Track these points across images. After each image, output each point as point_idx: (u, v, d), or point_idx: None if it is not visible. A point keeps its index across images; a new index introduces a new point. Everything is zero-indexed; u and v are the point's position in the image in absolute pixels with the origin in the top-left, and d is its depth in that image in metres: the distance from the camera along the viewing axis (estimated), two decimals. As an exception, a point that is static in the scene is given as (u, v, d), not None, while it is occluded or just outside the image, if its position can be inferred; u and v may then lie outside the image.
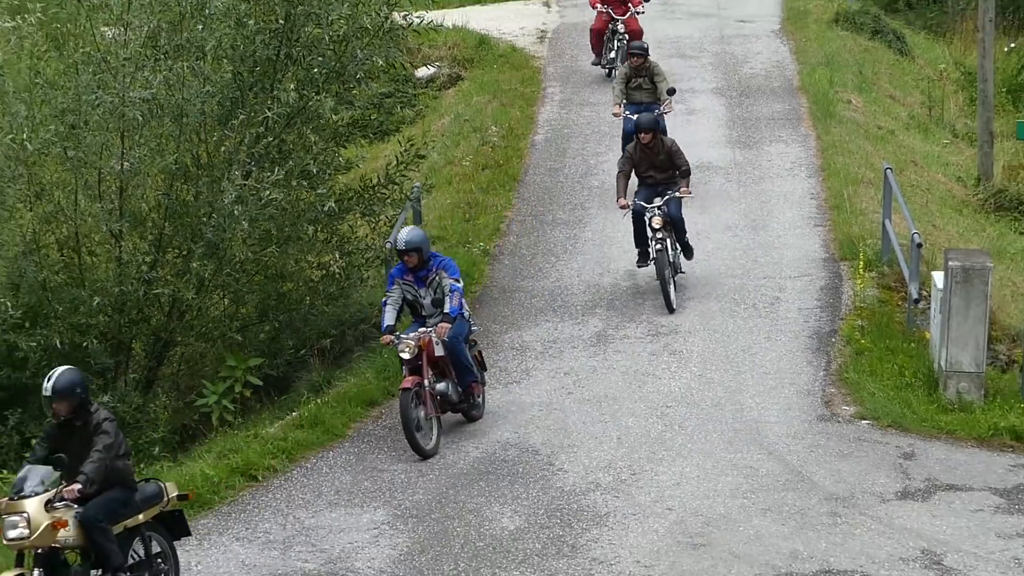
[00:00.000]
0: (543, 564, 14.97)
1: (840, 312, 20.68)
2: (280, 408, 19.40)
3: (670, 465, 16.97)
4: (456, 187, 25.60)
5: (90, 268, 19.85)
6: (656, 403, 18.46)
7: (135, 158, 19.48)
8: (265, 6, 20.06)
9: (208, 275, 19.63)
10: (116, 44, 19.78)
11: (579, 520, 15.84)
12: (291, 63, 20.15)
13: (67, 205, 19.75)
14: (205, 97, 19.62)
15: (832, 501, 16.15)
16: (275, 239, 19.98)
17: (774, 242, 22.95)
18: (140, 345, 20.15)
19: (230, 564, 15.28)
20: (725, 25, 33.79)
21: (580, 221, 24.14)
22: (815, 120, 27.84)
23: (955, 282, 18.09)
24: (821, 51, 31.76)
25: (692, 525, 15.68)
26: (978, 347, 18.26)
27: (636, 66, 24.21)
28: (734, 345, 19.87)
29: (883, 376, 18.88)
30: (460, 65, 32.38)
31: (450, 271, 17.47)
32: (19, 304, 19.08)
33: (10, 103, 19.70)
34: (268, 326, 20.63)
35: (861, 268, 21.11)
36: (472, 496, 16.46)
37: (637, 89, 24.22)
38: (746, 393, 18.65)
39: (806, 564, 14.91)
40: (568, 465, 17.09)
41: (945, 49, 36.34)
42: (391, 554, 15.31)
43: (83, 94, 19.33)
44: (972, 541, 15.38)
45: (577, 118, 28.53)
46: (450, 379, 17.65)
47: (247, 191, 19.24)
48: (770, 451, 17.26)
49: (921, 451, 17.33)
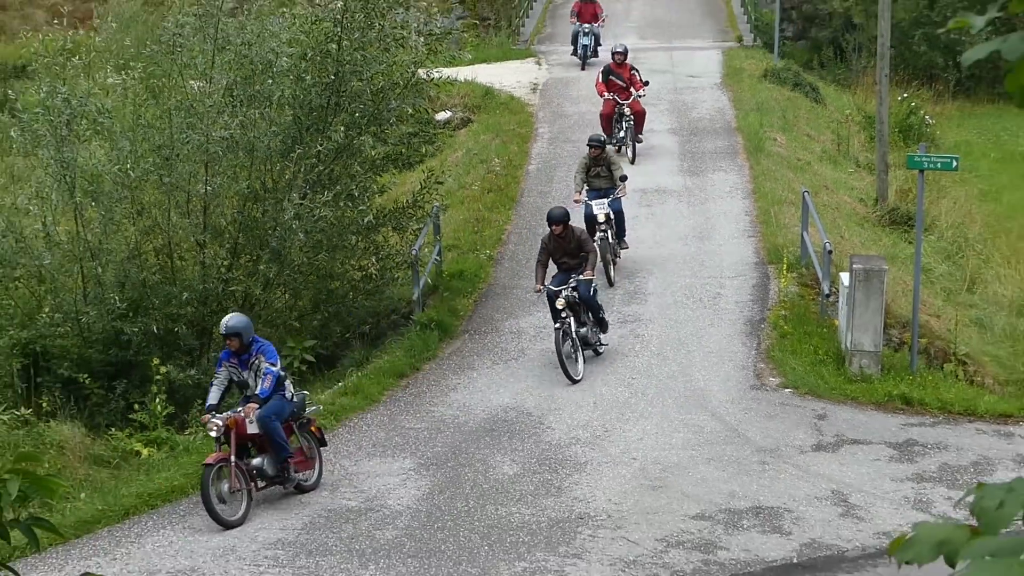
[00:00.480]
0: (535, 502, 14.96)
1: (768, 304, 20.67)
2: (329, 379, 19.41)
3: (635, 424, 16.97)
4: (467, 206, 25.58)
5: (180, 270, 19.85)
6: (623, 375, 18.45)
7: (216, 183, 19.50)
8: (319, 65, 20.07)
9: (272, 275, 19.63)
10: (202, 94, 19.78)
11: (563, 467, 15.84)
12: (339, 109, 20.15)
13: (162, 220, 19.75)
14: (271, 136, 19.62)
15: (761, 452, 16.15)
16: (325, 247, 19.97)
17: (716, 249, 22.94)
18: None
19: (290, 501, 15.29)
20: (678, 79, 33.76)
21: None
22: (748, 154, 27.82)
23: (858, 281, 18.09)
24: (753, 100, 31.74)
25: (652, 471, 15.67)
26: (876, 332, 18.27)
27: (594, 156, 21.81)
28: (685, 330, 19.86)
29: (801, 354, 18.89)
30: (470, 111, 32.38)
31: (268, 355, 15.08)
32: (124, 298, 19.07)
33: (117, 140, 19.72)
34: (319, 315, 20.62)
35: (784, 270, 21.10)
36: (479, 448, 16.45)
37: (596, 177, 21.83)
38: (694, 368, 18.64)
39: (741, 502, 14.90)
40: (555, 424, 17.08)
41: (850, 98, 36.31)
42: (415, 494, 15.30)
43: (175, 133, 19.35)
44: (871, 484, 15.38)
45: (562, 152, 28.50)
46: (268, 455, 15.19)
47: (303, 209, 19.23)
48: (713, 413, 17.25)
49: (831, 413, 17.33)
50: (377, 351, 20.12)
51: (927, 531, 3.21)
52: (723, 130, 29.68)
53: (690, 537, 14.17)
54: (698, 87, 33.25)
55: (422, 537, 14.28)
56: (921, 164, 18.62)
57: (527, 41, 39.78)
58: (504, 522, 14.51)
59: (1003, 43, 3.18)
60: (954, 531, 3.17)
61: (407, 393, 18.43)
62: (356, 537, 14.35)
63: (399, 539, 14.26)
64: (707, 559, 13.74)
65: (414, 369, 19.09)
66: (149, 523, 14.85)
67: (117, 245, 19.72)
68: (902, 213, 25.66)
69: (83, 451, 17.07)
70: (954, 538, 3.14)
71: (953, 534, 3.16)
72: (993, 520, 3.14)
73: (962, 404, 17.49)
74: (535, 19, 42.28)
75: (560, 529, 14.35)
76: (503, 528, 14.39)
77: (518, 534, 14.26)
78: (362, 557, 13.92)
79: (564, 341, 18.21)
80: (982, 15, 3.29)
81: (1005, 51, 3.16)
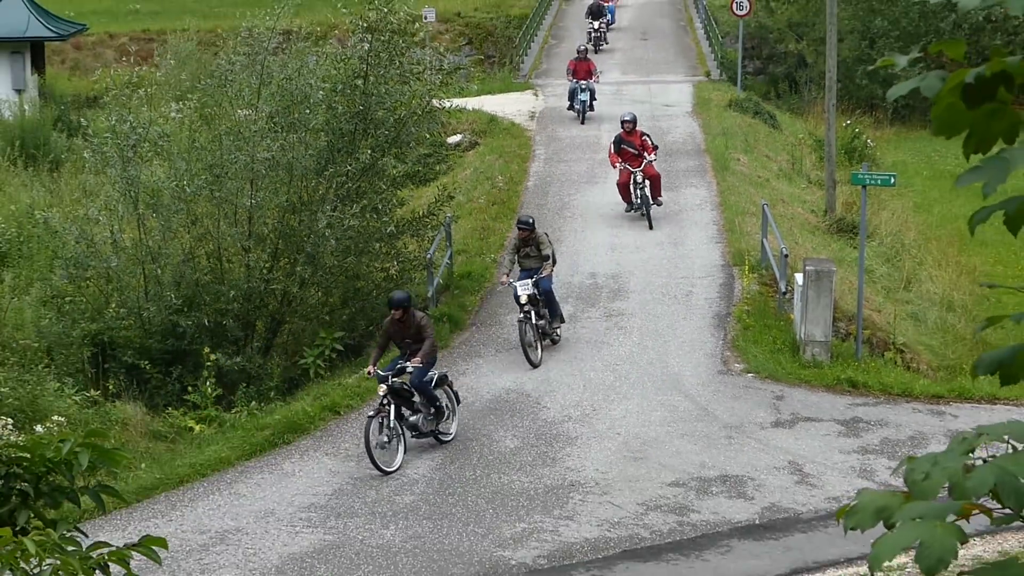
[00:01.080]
0: (533, 471, 14.85)
1: (733, 301, 20.54)
2: (356, 366, 19.25)
3: (619, 404, 16.84)
4: (474, 217, 25.46)
5: (228, 271, 19.73)
6: (609, 362, 18.32)
7: (259, 197, 19.38)
8: (349, 97, 19.97)
9: (307, 276, 19.50)
10: (248, 121, 19.67)
11: (557, 441, 15.72)
12: (365, 135, 20.02)
13: (213, 229, 19.66)
14: (307, 157, 19.52)
15: (728, 428, 16.03)
16: (353, 252, 19.84)
17: (688, 254, 22.80)
18: (261, 323, 20.03)
19: (321, 471, 15.17)
20: (655, 108, 33.61)
21: (558, 239, 23.86)
22: (716, 172, 27.69)
23: (810, 280, 17.96)
24: (719, 126, 31.60)
25: (633, 445, 15.56)
26: (826, 324, 18.14)
27: (523, 238, 18.87)
28: (661, 323, 19.73)
29: (762, 344, 18.76)
30: (477, 135, 32.24)
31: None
32: (180, 295, 18.96)
33: (174, 161, 19.67)
34: (347, 310, 20.49)
35: (747, 271, 20.97)
36: (485, 425, 16.33)
37: (526, 257, 18.89)
38: (670, 355, 18.50)
39: (710, 471, 14.79)
40: (550, 404, 16.96)
41: (802, 124, 36.24)
42: (429, 464, 15.19)
43: (225, 155, 19.25)
44: (822, 455, 15.27)
45: (556, 171, 28.37)
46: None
47: (334, 220, 19.11)
48: (686, 394, 17.13)
49: (788, 394, 17.21)
50: (397, 341, 20.00)
51: (868, 499, 3.22)
52: (694, 151, 29.54)
53: (667, 502, 14.07)
54: (672, 115, 33.11)
55: (435, 502, 14.18)
56: (864, 181, 18.60)
57: (526, 76, 39.62)
58: (506, 489, 14.41)
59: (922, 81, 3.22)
60: (891, 498, 3.18)
61: (423, 377, 18.29)
62: (378, 501, 14.24)
63: (415, 503, 14.15)
64: (681, 520, 13.64)
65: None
66: (200, 489, 14.74)
67: (174, 250, 19.63)
68: (848, 222, 25.54)
69: (144, 427, 17.00)
70: (891, 504, 3.15)
71: (890, 501, 3.17)
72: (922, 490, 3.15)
73: (900, 387, 17.37)
74: (533, 57, 42.14)
75: (555, 495, 14.24)
76: (505, 494, 14.28)
77: (518, 499, 14.16)
78: (384, 519, 13.81)
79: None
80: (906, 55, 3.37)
81: (923, 88, 3.21)
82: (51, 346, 18.99)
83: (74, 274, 19.47)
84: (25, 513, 5.20)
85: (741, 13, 36.09)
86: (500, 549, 13.08)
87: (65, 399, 16.41)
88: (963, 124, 3.19)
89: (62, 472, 5.26)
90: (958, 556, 2.95)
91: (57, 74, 42.38)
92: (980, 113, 3.17)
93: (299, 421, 16.31)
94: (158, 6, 49.77)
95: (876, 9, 40.10)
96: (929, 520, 3.02)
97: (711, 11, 43.44)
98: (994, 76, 3.11)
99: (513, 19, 45.88)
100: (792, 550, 13.04)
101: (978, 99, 3.13)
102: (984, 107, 3.15)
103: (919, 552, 2.97)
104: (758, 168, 28.95)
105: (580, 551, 13.01)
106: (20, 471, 5.27)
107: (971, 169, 3.13)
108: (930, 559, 2.94)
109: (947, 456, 3.19)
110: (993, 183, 3.06)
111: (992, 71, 3.09)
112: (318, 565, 12.89)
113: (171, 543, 13.16)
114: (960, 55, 3.21)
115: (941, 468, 3.15)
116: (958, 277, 24.45)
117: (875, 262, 24.01)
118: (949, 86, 3.15)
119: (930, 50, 3.27)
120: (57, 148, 32.42)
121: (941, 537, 2.96)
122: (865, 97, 39.08)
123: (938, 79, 3.18)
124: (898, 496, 3.19)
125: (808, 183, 29.78)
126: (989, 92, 3.13)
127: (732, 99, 34.60)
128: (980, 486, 3.07)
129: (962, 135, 3.21)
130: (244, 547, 13.34)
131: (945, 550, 2.94)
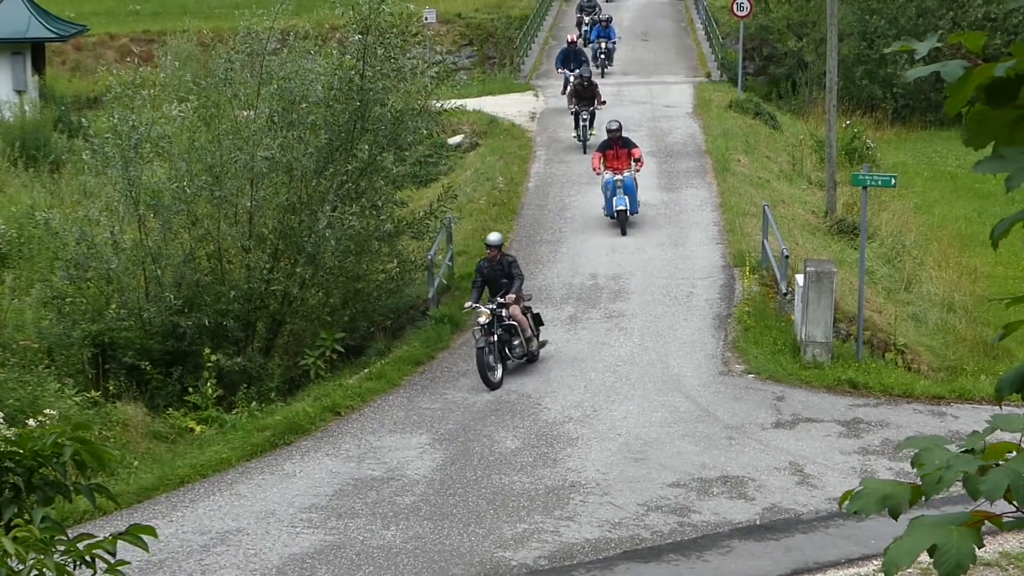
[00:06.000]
0: (534, 472, 14.78)
1: (733, 302, 20.48)
2: (356, 367, 19.21)
3: (619, 405, 16.78)
4: (475, 218, 25.40)
5: (228, 272, 19.66)
6: (610, 363, 18.26)
7: (259, 197, 19.33)
8: (346, 95, 19.86)
9: (308, 276, 19.43)
10: (247, 121, 19.61)
11: (558, 442, 15.65)
12: (364, 132, 19.95)
13: (213, 229, 19.57)
14: (307, 157, 19.44)
15: (728, 429, 15.96)
16: (353, 252, 19.77)
17: (689, 255, 22.74)
18: (262, 324, 19.98)
19: (322, 472, 15.10)
20: (656, 109, 33.57)
21: (559, 240, 23.94)
22: (716, 173, 27.63)
23: (811, 281, 17.89)
24: (720, 127, 31.55)
25: (634, 445, 15.49)
26: (827, 325, 18.08)
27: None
28: (662, 324, 19.67)
29: (763, 344, 18.70)
30: (478, 136, 32.19)
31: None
32: (180, 296, 18.90)
33: (175, 161, 19.60)
34: (348, 311, 20.41)
35: (748, 272, 20.92)
36: (486, 426, 16.27)
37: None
38: (671, 356, 18.44)
39: (711, 472, 14.73)
40: (551, 405, 16.89)
41: (803, 125, 36.18)
42: (431, 465, 15.12)
43: (225, 155, 19.17)
44: (823, 456, 15.21)
45: (556, 172, 28.32)
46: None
47: (335, 219, 19.04)
48: (687, 395, 17.06)
49: (788, 395, 17.15)
50: (398, 342, 19.93)
51: (873, 486, 3.19)
52: (694, 152, 29.48)
53: (667, 502, 14.00)
54: (673, 116, 33.06)
55: (436, 502, 14.11)
56: (864, 182, 18.55)
57: (526, 77, 39.59)
58: (507, 489, 14.34)
59: (944, 67, 3.17)
60: (897, 487, 3.15)
61: (423, 378, 18.24)
62: (379, 502, 14.17)
63: (416, 504, 14.09)
64: (682, 521, 13.57)
65: (430, 357, 18.90)
66: (201, 490, 14.68)
67: (174, 251, 19.56)
68: (848, 223, 25.49)
69: (144, 428, 16.96)
70: (897, 493, 3.12)
71: (896, 490, 3.14)
72: (933, 491, 3.11)
73: (901, 387, 17.32)
74: (533, 58, 42.10)
75: (555, 495, 14.18)
76: (506, 495, 14.21)
77: (519, 500, 14.09)
78: (385, 519, 13.75)
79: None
80: None
81: (945, 73, 3.15)
82: (51, 347, 18.94)
83: (74, 275, 19.40)
84: (12, 508, 5.14)
85: (742, 14, 36.04)
86: (501, 550, 13.02)
87: (66, 400, 16.33)
88: (993, 134, 3.13)
89: (53, 466, 5.22)
90: (976, 560, 2.89)
91: (57, 75, 42.32)
92: (1004, 122, 3.10)
93: (300, 422, 16.25)
94: (158, 7, 49.74)
95: (875, 9, 40.06)
96: (944, 524, 2.97)
97: (712, 12, 43.42)
98: (1018, 77, 3.04)
99: (514, 20, 45.83)
100: (793, 551, 12.98)
101: (1003, 99, 3.06)
102: (1009, 113, 3.08)
103: (937, 557, 2.91)
104: (759, 169, 28.90)
105: (581, 552, 12.95)
106: (12, 464, 5.23)
107: (993, 157, 3.04)
108: (948, 564, 2.89)
109: (960, 459, 3.14)
110: (1018, 177, 2.96)
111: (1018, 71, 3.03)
112: (319, 566, 12.82)
113: (171, 544, 13.12)
114: (979, 47, 3.14)
115: (955, 471, 3.10)
116: (959, 278, 24.40)
117: (876, 263, 23.95)
118: (974, 83, 3.07)
119: (949, 41, 3.22)
120: (57, 149, 32.38)
121: (958, 542, 2.91)
122: (865, 98, 39.06)
123: (959, 67, 3.11)
124: (904, 486, 3.15)
125: (809, 184, 29.72)
126: (1013, 92, 3.06)
127: (733, 100, 34.54)
128: (994, 490, 3.02)
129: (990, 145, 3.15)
130: (245, 548, 13.27)
131: (963, 555, 2.89)
